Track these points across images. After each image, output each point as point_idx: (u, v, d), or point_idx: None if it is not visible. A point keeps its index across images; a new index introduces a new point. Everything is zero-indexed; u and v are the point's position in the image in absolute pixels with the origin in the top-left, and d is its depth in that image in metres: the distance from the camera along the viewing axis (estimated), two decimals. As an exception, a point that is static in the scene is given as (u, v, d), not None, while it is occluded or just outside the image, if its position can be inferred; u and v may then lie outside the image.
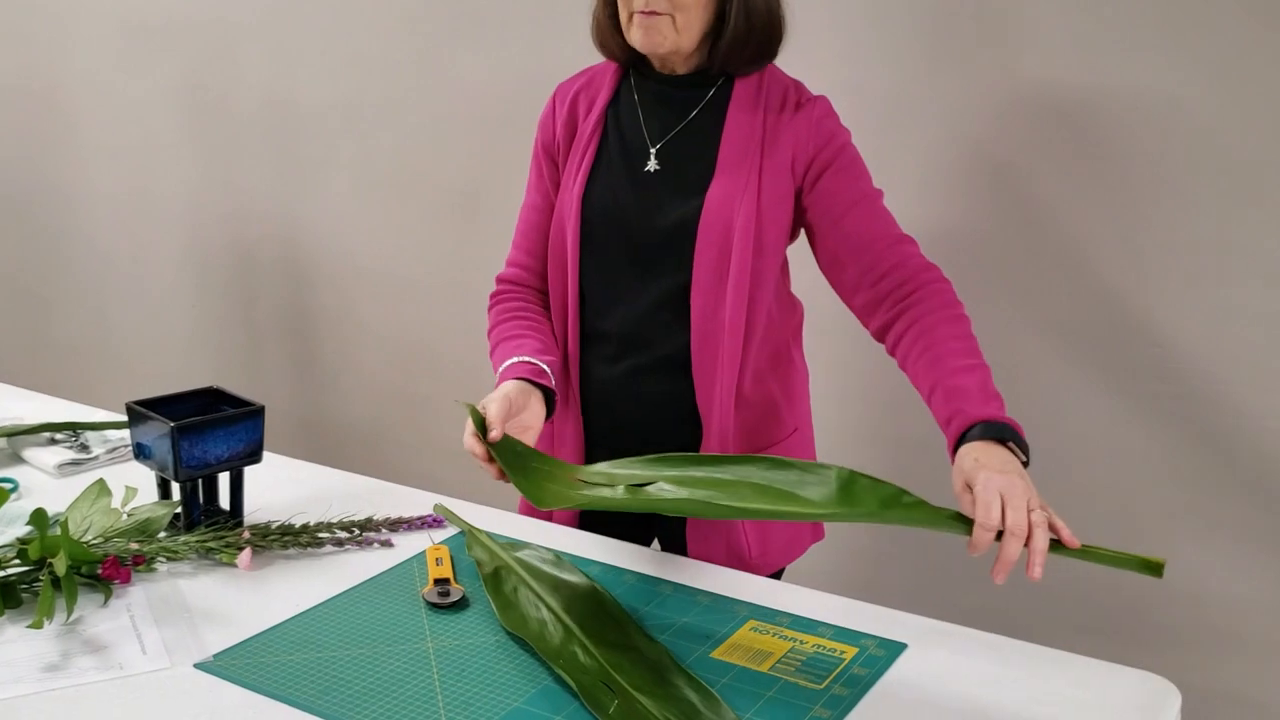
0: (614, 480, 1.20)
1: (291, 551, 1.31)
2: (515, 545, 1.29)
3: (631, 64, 1.42)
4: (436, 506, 1.39)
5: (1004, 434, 1.16)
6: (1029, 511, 1.05)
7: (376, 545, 1.32)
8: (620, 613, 1.13)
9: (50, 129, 3.11)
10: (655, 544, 1.48)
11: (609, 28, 1.38)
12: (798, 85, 1.40)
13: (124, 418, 1.46)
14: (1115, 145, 1.67)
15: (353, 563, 1.29)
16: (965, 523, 1.07)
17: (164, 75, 2.80)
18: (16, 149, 3.20)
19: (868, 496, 1.08)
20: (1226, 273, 1.63)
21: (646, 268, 1.38)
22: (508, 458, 1.23)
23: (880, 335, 1.34)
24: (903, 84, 1.81)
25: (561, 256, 1.42)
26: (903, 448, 1.91)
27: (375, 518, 1.35)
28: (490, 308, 1.48)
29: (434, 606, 1.17)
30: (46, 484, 1.52)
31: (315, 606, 1.19)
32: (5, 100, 3.18)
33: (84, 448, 1.59)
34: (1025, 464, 1.15)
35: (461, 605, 1.18)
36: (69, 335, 3.24)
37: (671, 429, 1.41)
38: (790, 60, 1.47)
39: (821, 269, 1.39)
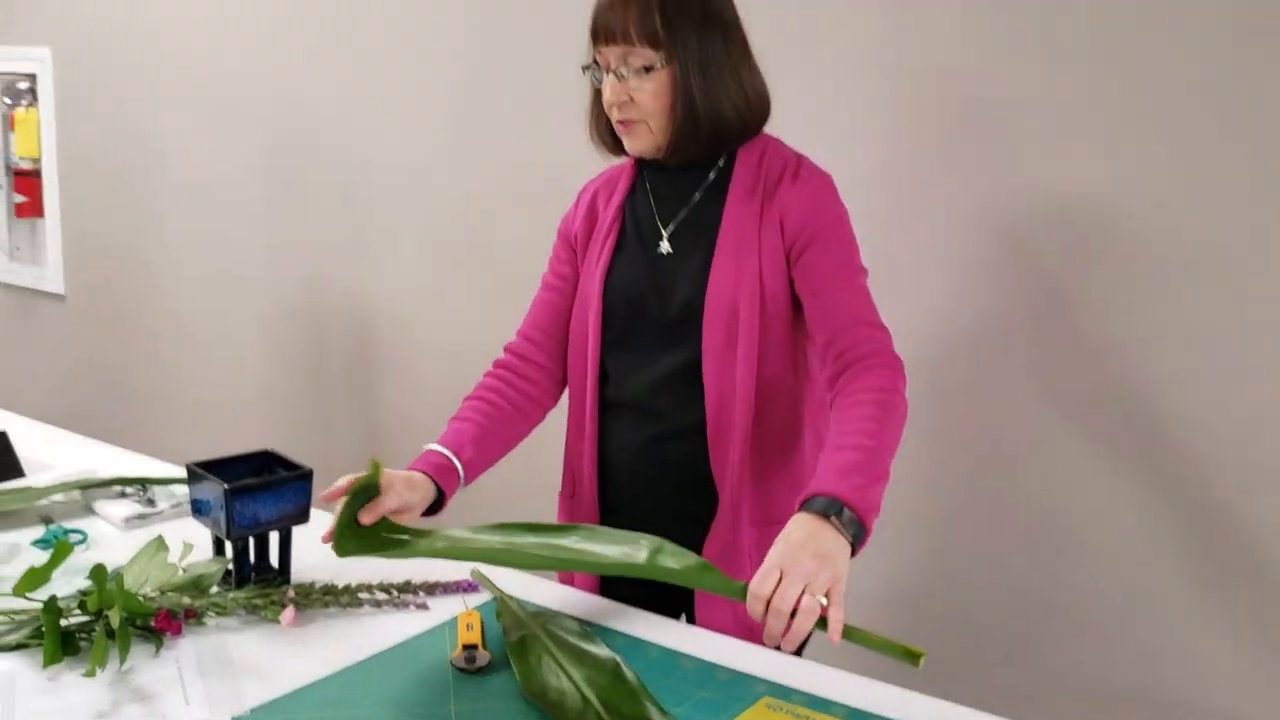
0: (440, 539, 1.30)
1: (332, 610, 1.37)
2: (545, 614, 1.33)
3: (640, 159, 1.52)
4: (473, 572, 1.44)
5: (830, 509, 1.19)
6: (803, 592, 1.10)
7: (413, 608, 1.38)
8: (638, 685, 1.17)
9: (139, 195, 3.29)
10: (683, 618, 1.51)
11: (610, 139, 1.49)
12: (800, 158, 1.46)
13: (187, 474, 1.54)
14: (1133, 235, 1.69)
15: (389, 624, 1.34)
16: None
17: (245, 147, 2.95)
18: (109, 213, 3.39)
19: (671, 562, 1.19)
20: (1244, 363, 1.63)
21: (662, 343, 1.44)
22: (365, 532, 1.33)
23: (830, 407, 1.38)
24: (929, 171, 1.85)
25: (583, 335, 1.49)
26: (936, 527, 1.92)
27: (413, 581, 1.41)
28: (485, 374, 1.57)
29: (461, 671, 1.22)
30: (114, 536, 1.61)
31: (350, 666, 1.24)
32: (103, 167, 3.37)
33: (150, 502, 1.68)
34: (853, 545, 1.18)
35: (488, 671, 1.22)
36: (150, 390, 3.39)
37: (688, 497, 1.45)
38: (821, 145, 1.52)
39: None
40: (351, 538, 1.32)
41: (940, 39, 1.83)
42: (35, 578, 1.29)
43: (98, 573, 1.25)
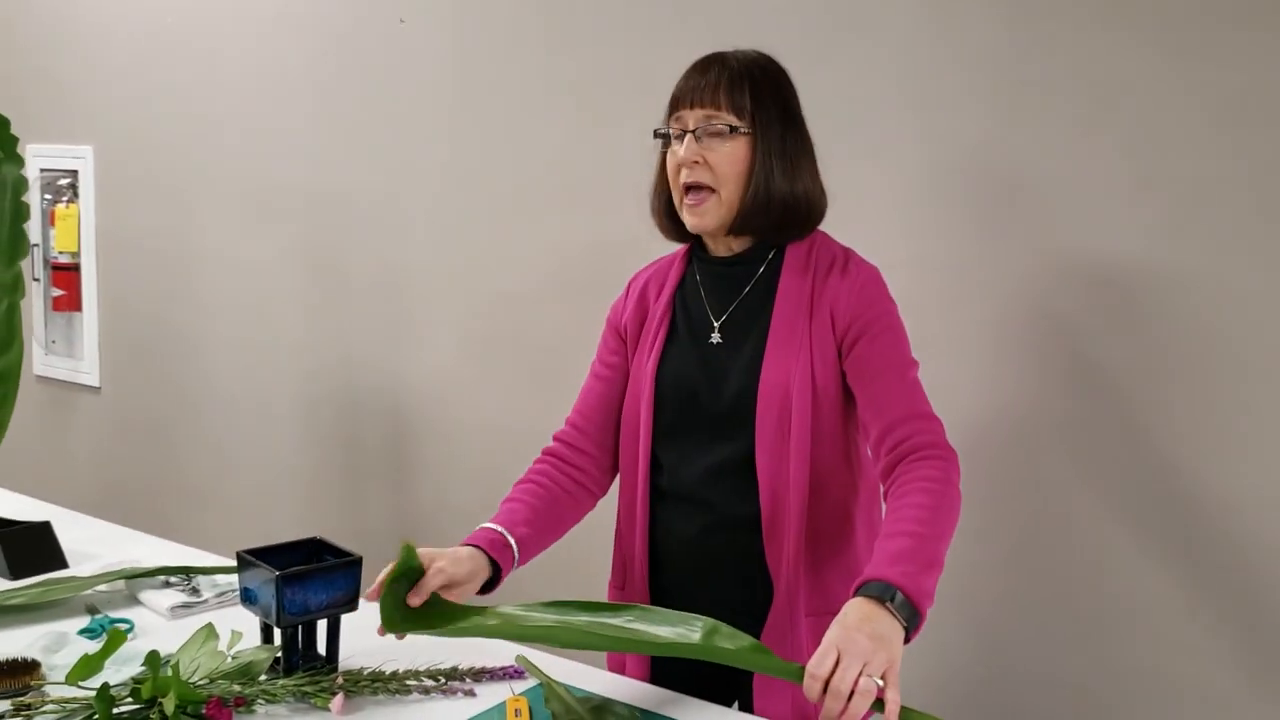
0: (492, 616, 1.32)
1: (380, 697, 1.37)
2: (592, 700, 1.33)
3: (694, 249, 1.55)
4: (518, 658, 1.44)
5: (884, 594, 1.19)
6: (860, 674, 1.10)
7: (460, 694, 1.38)
8: (690, 771, 1.16)
9: (175, 288, 3.34)
10: (735, 705, 1.51)
11: (668, 220, 1.52)
12: (848, 252, 1.49)
13: (231, 561, 1.55)
14: (1175, 311, 1.69)
15: (437, 710, 1.34)
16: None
17: (281, 238, 3.02)
18: (145, 306, 3.45)
19: (725, 643, 1.20)
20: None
21: (714, 434, 1.46)
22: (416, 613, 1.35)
23: (885, 499, 1.39)
24: (964, 252, 1.88)
25: (634, 425, 1.51)
26: (981, 612, 1.90)
27: (460, 667, 1.41)
28: (535, 460, 1.59)
29: (512, 758, 1.22)
30: (159, 625, 1.62)
31: (400, 753, 1.24)
32: (140, 262, 3.44)
33: (195, 591, 1.69)
34: (907, 630, 1.19)
35: (539, 757, 1.22)
36: (185, 480, 3.41)
37: (742, 588, 1.45)
38: (855, 234, 1.55)
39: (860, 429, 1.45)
40: (403, 617, 1.33)
41: (970, 117, 1.86)
42: (89, 666, 1.30)
43: (153, 659, 1.26)
